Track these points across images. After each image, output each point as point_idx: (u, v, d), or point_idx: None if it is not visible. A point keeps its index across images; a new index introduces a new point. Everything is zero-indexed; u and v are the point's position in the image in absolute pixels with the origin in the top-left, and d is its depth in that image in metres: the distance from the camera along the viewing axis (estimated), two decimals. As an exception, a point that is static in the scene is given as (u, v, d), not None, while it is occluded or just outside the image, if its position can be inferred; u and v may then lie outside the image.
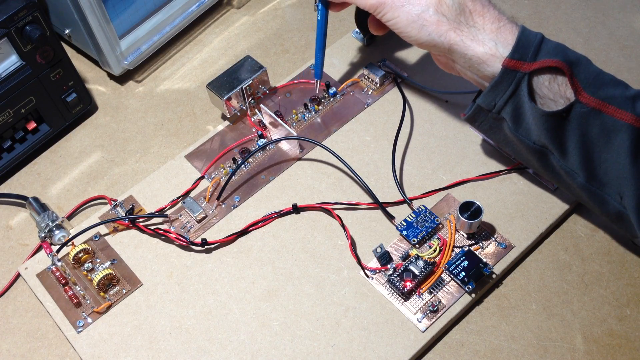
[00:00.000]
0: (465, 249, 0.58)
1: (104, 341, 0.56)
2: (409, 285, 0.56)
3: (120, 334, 0.57)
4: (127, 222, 0.62)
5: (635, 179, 0.50)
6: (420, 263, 0.57)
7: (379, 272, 0.58)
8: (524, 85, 0.51)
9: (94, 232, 0.62)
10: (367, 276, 0.58)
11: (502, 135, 0.56)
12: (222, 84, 0.67)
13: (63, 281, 0.59)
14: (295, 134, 0.66)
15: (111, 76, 0.76)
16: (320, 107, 0.70)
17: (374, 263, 0.59)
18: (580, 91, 0.50)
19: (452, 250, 0.59)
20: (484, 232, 0.60)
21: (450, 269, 0.57)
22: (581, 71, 0.50)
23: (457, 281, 0.57)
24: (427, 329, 0.55)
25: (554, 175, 0.56)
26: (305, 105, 0.69)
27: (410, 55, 0.73)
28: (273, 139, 0.67)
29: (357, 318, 0.56)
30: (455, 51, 0.53)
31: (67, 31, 0.71)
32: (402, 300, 0.57)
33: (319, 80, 0.67)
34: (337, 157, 0.63)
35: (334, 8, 0.63)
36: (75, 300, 0.58)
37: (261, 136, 0.67)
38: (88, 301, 0.58)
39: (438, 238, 0.60)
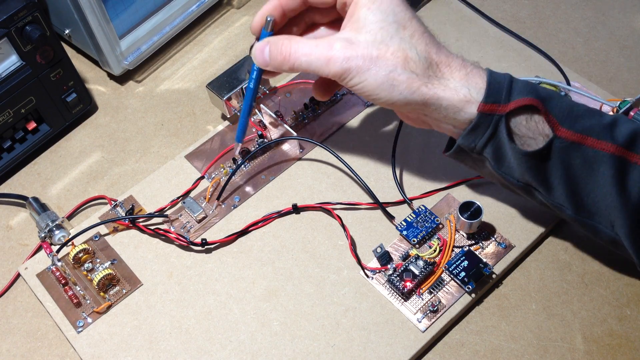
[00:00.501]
0: (465, 249, 0.58)
1: (104, 341, 0.56)
2: (409, 285, 0.56)
3: (120, 334, 0.57)
4: (127, 222, 0.62)
5: (623, 207, 0.50)
6: (420, 263, 0.57)
7: (379, 272, 0.58)
8: (502, 127, 0.50)
9: (94, 232, 0.62)
10: (367, 276, 0.58)
11: (486, 171, 0.55)
12: (222, 84, 0.67)
13: (63, 281, 0.59)
14: (295, 134, 0.66)
15: (111, 76, 0.76)
16: (320, 107, 0.70)
17: (374, 263, 0.59)
18: (558, 126, 0.49)
19: (452, 250, 0.59)
20: (484, 232, 0.60)
21: (450, 269, 0.57)
22: (554, 106, 0.50)
23: (457, 281, 0.57)
24: (427, 329, 0.55)
25: (544, 207, 0.55)
26: (305, 105, 0.69)
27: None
28: (273, 139, 0.67)
29: (357, 318, 0.56)
30: (429, 105, 0.51)
31: (67, 31, 0.71)
32: (402, 300, 0.57)
33: (239, 143, 0.61)
34: (337, 157, 0.63)
35: (270, 74, 0.57)
36: (75, 300, 0.58)
37: (261, 136, 0.67)
38: (88, 301, 0.58)
39: (438, 238, 0.60)
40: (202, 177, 0.65)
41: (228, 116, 0.69)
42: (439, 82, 0.50)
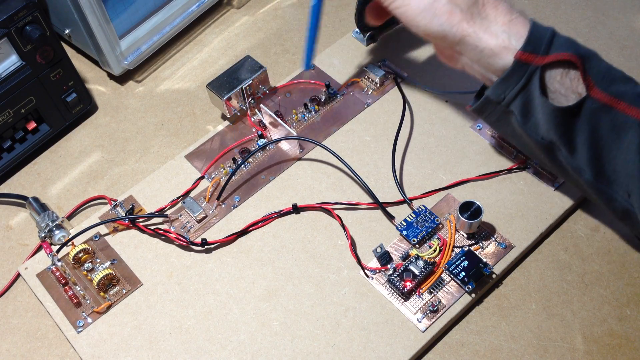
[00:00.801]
0: (465, 249, 0.58)
1: (104, 341, 0.56)
2: (409, 285, 0.56)
3: (120, 334, 0.57)
4: (127, 222, 0.62)
5: None
6: (420, 263, 0.57)
7: (379, 272, 0.58)
8: (536, 78, 0.49)
9: (94, 232, 0.62)
10: (367, 276, 0.58)
11: (509, 128, 0.55)
12: (222, 84, 0.67)
13: (63, 281, 0.59)
14: (295, 134, 0.66)
15: (111, 76, 0.76)
16: (320, 107, 0.70)
17: (374, 263, 0.59)
18: (592, 86, 0.49)
19: (452, 250, 0.59)
20: (484, 232, 0.60)
21: (450, 269, 0.57)
22: (593, 66, 0.49)
23: (457, 281, 0.57)
24: (427, 329, 0.55)
25: (561, 171, 0.55)
26: (305, 105, 0.69)
27: (411, 56, 0.73)
28: (273, 139, 0.67)
29: (357, 318, 0.56)
30: (466, 43, 0.51)
31: (67, 31, 0.71)
32: (402, 300, 0.57)
33: (307, 71, 0.63)
34: (337, 157, 0.63)
35: None
36: (75, 300, 0.58)
37: (261, 136, 0.67)
38: (88, 301, 0.58)
39: (438, 238, 0.60)
40: (202, 177, 0.65)
41: (228, 116, 0.69)
42: (481, 21, 0.50)
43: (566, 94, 0.50)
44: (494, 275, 0.58)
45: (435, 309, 0.56)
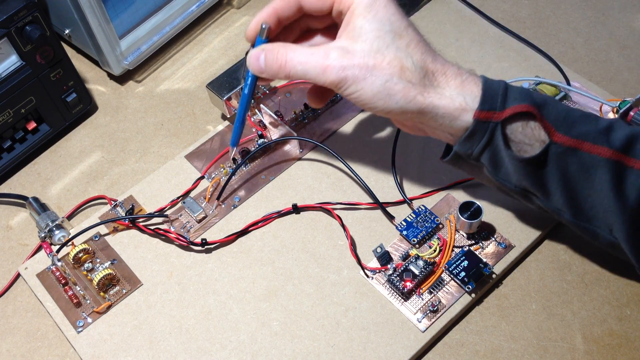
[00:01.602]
0: (465, 249, 0.58)
1: (104, 341, 0.56)
2: (409, 285, 0.56)
3: (120, 334, 0.57)
4: (127, 222, 0.62)
5: (621, 211, 0.49)
6: (420, 263, 0.57)
7: (379, 272, 0.58)
8: (498, 134, 0.50)
9: (94, 232, 0.62)
10: (367, 276, 0.58)
11: (484, 177, 0.55)
12: (222, 84, 0.67)
13: (63, 281, 0.59)
14: (295, 134, 0.66)
15: (111, 76, 0.76)
16: (320, 108, 0.70)
17: (374, 263, 0.59)
18: (554, 132, 0.49)
19: (452, 250, 0.59)
20: (484, 232, 0.60)
21: (450, 269, 0.57)
22: (550, 112, 0.50)
23: (457, 281, 0.57)
24: (427, 329, 0.55)
25: (542, 212, 0.55)
26: (305, 105, 0.69)
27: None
28: (273, 139, 0.67)
29: (357, 318, 0.56)
30: (425, 114, 0.51)
31: (67, 31, 0.71)
32: (402, 300, 0.57)
33: (234, 148, 0.60)
34: (337, 157, 0.63)
35: (264, 81, 0.56)
36: (75, 300, 0.58)
37: (261, 136, 0.67)
38: (88, 301, 0.58)
39: (438, 238, 0.60)
40: (202, 177, 0.65)
41: (228, 116, 0.69)
42: (434, 90, 0.50)
43: (530, 142, 0.50)
44: (494, 275, 0.58)
45: (435, 309, 0.56)
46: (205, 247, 0.61)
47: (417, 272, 0.56)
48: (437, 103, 0.50)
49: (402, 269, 0.57)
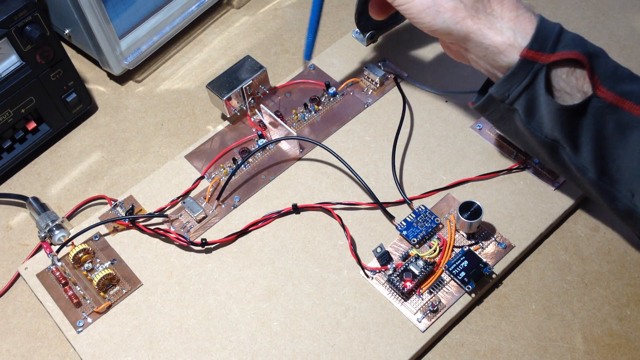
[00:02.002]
0: (465, 249, 0.58)
1: (104, 341, 0.56)
2: (409, 285, 0.56)
3: (120, 334, 0.57)
4: (127, 222, 0.62)
5: None
6: (420, 263, 0.57)
7: (379, 272, 0.58)
8: (541, 77, 0.49)
9: (94, 232, 0.62)
10: (367, 276, 0.58)
11: (512, 127, 0.55)
12: (222, 84, 0.67)
13: (63, 281, 0.59)
14: (295, 134, 0.66)
15: (111, 76, 0.76)
16: (320, 107, 0.70)
17: (374, 263, 0.59)
18: (598, 85, 0.48)
19: (452, 250, 0.59)
20: (484, 232, 0.60)
21: (450, 269, 0.57)
22: (600, 65, 0.49)
23: (457, 281, 0.57)
24: (427, 329, 0.55)
25: (563, 169, 0.55)
26: (305, 105, 0.69)
27: (410, 56, 0.73)
28: (273, 139, 0.67)
29: (357, 318, 0.56)
30: (471, 40, 0.50)
31: (67, 31, 0.71)
32: (402, 300, 0.57)
33: (308, 61, 0.63)
34: (337, 157, 0.63)
35: None
36: (75, 300, 0.58)
37: (261, 136, 0.67)
38: (88, 301, 0.58)
39: (438, 238, 0.60)
40: (202, 177, 0.65)
41: (228, 116, 0.69)
42: (486, 18, 0.49)
43: (572, 92, 0.49)
44: (494, 275, 0.58)
45: (435, 309, 0.56)
46: (205, 247, 0.61)
47: (417, 272, 0.56)
48: (485, 31, 0.49)
49: (402, 269, 0.57)
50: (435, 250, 0.59)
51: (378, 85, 0.70)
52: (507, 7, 0.50)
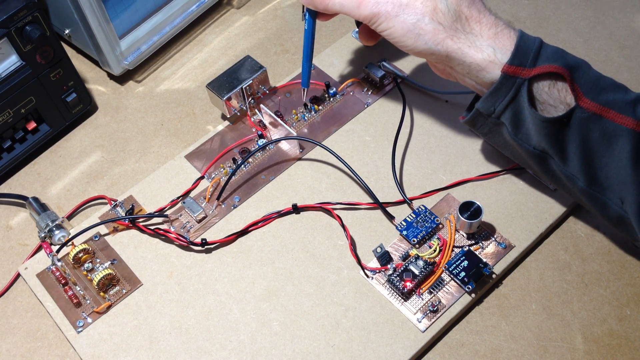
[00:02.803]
0: (465, 249, 0.58)
1: (104, 341, 0.56)
2: (409, 285, 0.56)
3: (120, 334, 0.57)
4: (127, 222, 0.62)
5: (636, 184, 0.49)
6: (420, 263, 0.57)
7: (379, 272, 0.58)
8: (524, 91, 0.50)
9: (94, 232, 0.62)
10: (367, 276, 0.58)
11: (501, 139, 0.56)
12: (222, 84, 0.67)
13: (63, 281, 0.59)
14: (295, 134, 0.66)
15: (111, 76, 0.76)
16: (320, 107, 0.70)
17: (374, 263, 0.59)
18: (581, 96, 0.49)
19: (452, 250, 0.59)
20: (484, 232, 0.60)
21: (450, 269, 0.57)
22: (581, 76, 0.50)
23: (457, 281, 0.57)
24: (427, 329, 0.55)
25: (554, 179, 0.56)
26: (305, 105, 0.69)
27: (410, 56, 0.73)
28: (273, 139, 0.67)
29: (357, 318, 0.56)
30: (453, 59, 0.52)
31: (67, 31, 0.71)
32: (402, 300, 0.57)
33: (305, 89, 0.66)
34: (337, 157, 0.63)
35: (322, 18, 0.62)
36: (75, 300, 0.58)
37: (261, 136, 0.67)
38: (88, 301, 0.58)
39: (438, 238, 0.60)
40: (202, 177, 0.65)
41: (228, 116, 0.69)
42: (465, 37, 0.51)
43: (555, 104, 0.51)
44: (494, 275, 0.58)
45: (435, 309, 0.56)
46: (205, 247, 0.61)
47: (417, 272, 0.56)
48: (465, 50, 0.51)
49: (402, 269, 0.57)
50: (435, 250, 0.59)
51: (378, 85, 0.70)
52: (485, 25, 0.52)
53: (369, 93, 0.70)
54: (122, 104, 0.74)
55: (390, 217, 0.61)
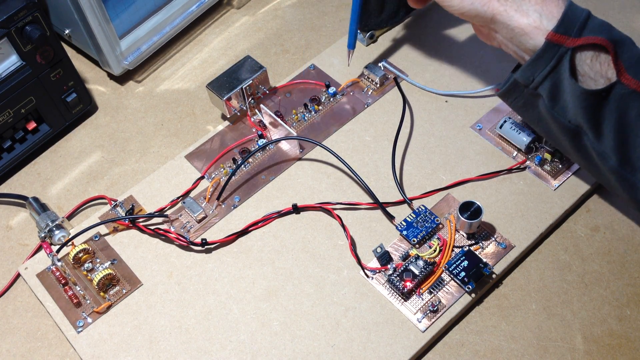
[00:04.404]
0: (465, 249, 0.58)
1: (104, 341, 0.56)
2: (409, 285, 0.56)
3: (120, 334, 0.57)
4: (127, 222, 0.62)
5: None
6: (420, 263, 0.57)
7: (379, 272, 0.58)
8: (566, 61, 0.49)
9: (94, 232, 0.62)
10: (367, 276, 0.58)
11: (535, 113, 0.55)
12: (222, 84, 0.67)
13: (63, 281, 0.59)
14: (295, 134, 0.66)
15: (111, 76, 0.76)
16: (320, 107, 0.70)
17: (374, 263, 0.59)
18: (623, 72, 0.48)
19: (452, 250, 0.59)
20: (484, 232, 0.60)
21: (450, 269, 0.57)
22: (625, 51, 0.49)
23: (457, 281, 0.57)
24: (427, 329, 0.55)
25: (584, 157, 0.54)
26: (305, 105, 0.69)
27: (411, 56, 0.73)
28: (273, 139, 0.67)
29: (357, 318, 0.56)
30: (497, 21, 0.52)
31: (67, 31, 0.71)
32: (402, 300, 0.57)
33: (351, 51, 0.67)
34: (337, 157, 0.63)
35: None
36: (75, 300, 0.58)
37: (261, 136, 0.67)
38: (88, 301, 0.58)
39: (438, 238, 0.60)
40: (202, 177, 0.65)
41: (228, 116, 0.69)
42: (512, 0, 0.50)
43: (595, 77, 0.50)
44: (494, 275, 0.58)
45: (435, 309, 0.56)
46: (205, 247, 0.61)
47: (417, 272, 0.56)
48: (511, 13, 0.50)
49: (402, 269, 0.57)
50: (435, 250, 0.59)
51: (378, 85, 0.70)
52: None
53: (369, 93, 0.70)
54: (122, 104, 0.74)
55: (390, 217, 0.61)
